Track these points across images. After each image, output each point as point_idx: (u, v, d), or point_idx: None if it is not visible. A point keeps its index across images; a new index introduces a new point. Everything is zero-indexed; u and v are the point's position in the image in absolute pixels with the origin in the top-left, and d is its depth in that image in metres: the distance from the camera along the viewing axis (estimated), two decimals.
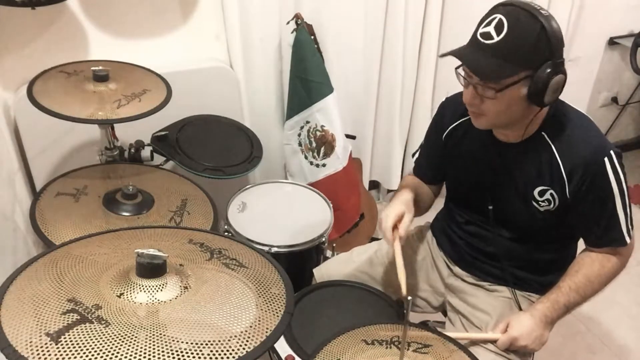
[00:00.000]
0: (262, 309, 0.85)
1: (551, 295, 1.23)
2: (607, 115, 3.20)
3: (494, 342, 1.23)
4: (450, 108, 1.38)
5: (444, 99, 1.42)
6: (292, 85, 2.09)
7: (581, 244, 1.31)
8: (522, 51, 1.08)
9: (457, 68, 1.17)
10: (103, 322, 0.76)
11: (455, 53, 1.13)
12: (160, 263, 0.84)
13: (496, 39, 1.08)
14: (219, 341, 0.77)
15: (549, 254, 1.34)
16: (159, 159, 1.69)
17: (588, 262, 1.25)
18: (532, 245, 1.32)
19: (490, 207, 1.32)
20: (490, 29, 1.09)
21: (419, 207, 1.41)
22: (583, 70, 2.79)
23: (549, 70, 1.08)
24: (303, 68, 2.03)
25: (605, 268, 1.24)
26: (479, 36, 1.11)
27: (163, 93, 1.53)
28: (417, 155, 1.53)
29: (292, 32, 2.02)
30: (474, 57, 1.11)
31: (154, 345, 0.74)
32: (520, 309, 1.32)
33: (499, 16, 1.08)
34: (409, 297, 0.97)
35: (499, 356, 1.23)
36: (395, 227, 1.29)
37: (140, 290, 0.83)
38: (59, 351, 0.71)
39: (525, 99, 1.12)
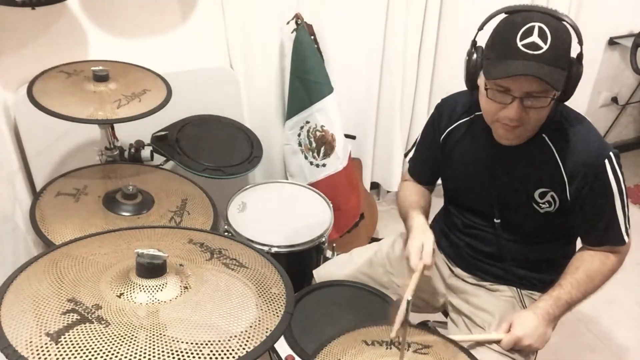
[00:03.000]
0: (262, 309, 0.85)
1: (553, 292, 1.24)
2: (607, 115, 3.19)
3: (497, 342, 1.23)
4: (448, 109, 1.37)
5: (439, 100, 1.42)
6: (292, 85, 2.09)
7: (579, 241, 1.32)
8: (565, 54, 1.08)
9: (488, 87, 1.13)
10: (103, 322, 0.76)
11: (520, 71, 1.05)
12: (160, 263, 0.84)
13: (545, 47, 1.05)
14: (219, 341, 0.76)
15: (550, 253, 1.34)
16: (159, 159, 1.69)
17: (588, 259, 1.25)
18: (533, 245, 1.33)
19: (498, 221, 1.32)
20: (535, 39, 1.05)
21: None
22: (583, 70, 2.79)
23: (577, 66, 1.10)
24: (303, 68, 2.03)
25: (605, 265, 1.24)
26: (522, 47, 1.05)
27: (163, 93, 1.53)
28: (411, 154, 1.52)
29: (292, 32, 2.02)
30: (540, 69, 1.04)
31: (154, 345, 0.74)
32: (524, 308, 1.32)
33: (537, 24, 1.05)
34: (409, 297, 0.97)
35: (503, 356, 1.23)
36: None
37: (140, 290, 0.82)
38: (59, 351, 0.71)
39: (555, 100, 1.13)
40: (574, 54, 1.12)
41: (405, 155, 1.54)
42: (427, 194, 1.51)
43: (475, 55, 1.17)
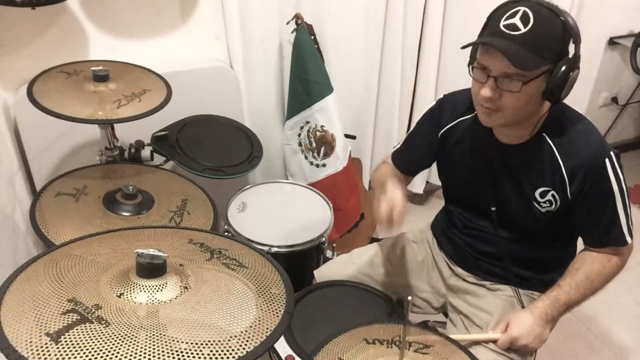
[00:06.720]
0: (262, 309, 0.85)
1: (551, 293, 1.24)
2: (607, 115, 3.20)
3: (494, 341, 1.23)
4: (450, 106, 1.37)
5: (442, 95, 1.41)
6: (292, 85, 2.09)
7: (581, 242, 1.31)
8: (547, 44, 1.08)
9: (470, 63, 1.15)
10: (103, 322, 0.76)
11: (487, 42, 1.10)
12: (160, 263, 0.84)
13: (523, 30, 1.06)
14: (219, 341, 0.76)
15: (550, 253, 1.34)
16: (159, 159, 1.69)
17: (589, 260, 1.25)
18: (533, 244, 1.32)
19: (494, 209, 1.31)
20: (516, 21, 1.07)
21: None
22: (583, 70, 2.78)
23: (567, 65, 1.08)
24: (303, 68, 2.03)
25: (606, 267, 1.24)
26: (502, 27, 1.08)
27: (163, 93, 1.53)
28: (398, 146, 1.51)
29: (292, 32, 2.02)
30: (507, 46, 1.07)
31: (154, 345, 0.74)
32: (523, 307, 1.32)
33: (523, 8, 1.08)
34: (409, 297, 0.97)
35: (500, 355, 1.23)
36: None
37: (140, 290, 0.82)
38: (59, 351, 0.71)
39: (541, 95, 1.12)
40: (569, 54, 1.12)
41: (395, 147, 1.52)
42: (404, 180, 1.47)
43: None
